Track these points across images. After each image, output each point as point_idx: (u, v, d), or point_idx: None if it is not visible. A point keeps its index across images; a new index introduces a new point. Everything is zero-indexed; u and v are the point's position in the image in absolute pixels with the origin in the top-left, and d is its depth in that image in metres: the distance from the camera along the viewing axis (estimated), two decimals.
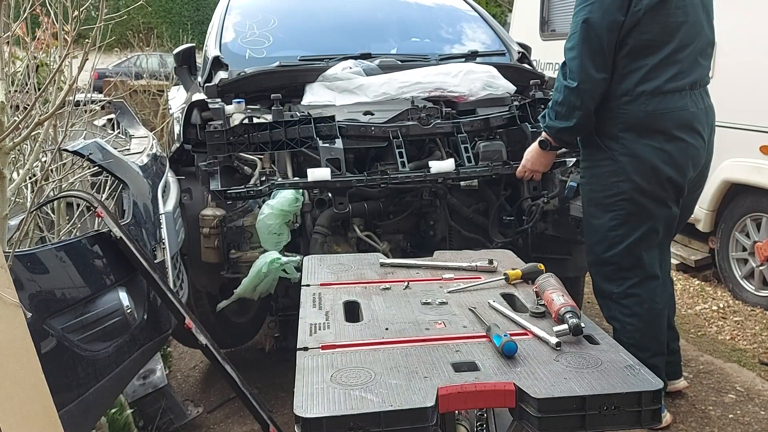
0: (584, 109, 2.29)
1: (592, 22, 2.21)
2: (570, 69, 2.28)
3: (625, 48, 2.27)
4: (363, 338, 1.43)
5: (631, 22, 2.23)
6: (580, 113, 2.29)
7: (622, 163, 2.33)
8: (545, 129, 2.44)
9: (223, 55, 3.31)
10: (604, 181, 2.38)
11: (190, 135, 2.87)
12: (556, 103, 2.34)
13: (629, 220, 2.37)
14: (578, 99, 2.27)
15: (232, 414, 2.95)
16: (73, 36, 1.90)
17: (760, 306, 4.10)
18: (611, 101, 2.32)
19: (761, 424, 2.82)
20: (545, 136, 2.44)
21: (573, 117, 2.31)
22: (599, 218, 2.42)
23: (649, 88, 2.28)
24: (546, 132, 2.44)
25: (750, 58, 4.08)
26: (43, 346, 1.65)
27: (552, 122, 2.38)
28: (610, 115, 2.33)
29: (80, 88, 3.19)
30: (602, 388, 1.21)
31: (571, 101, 2.29)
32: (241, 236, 2.75)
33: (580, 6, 2.26)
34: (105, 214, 2.04)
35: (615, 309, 2.50)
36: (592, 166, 2.44)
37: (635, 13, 2.22)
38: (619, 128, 2.33)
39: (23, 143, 1.98)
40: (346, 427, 1.14)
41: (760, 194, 4.07)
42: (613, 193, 2.36)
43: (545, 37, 6.37)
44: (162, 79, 8.18)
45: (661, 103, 2.30)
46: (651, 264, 2.44)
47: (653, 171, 2.32)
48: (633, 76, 2.29)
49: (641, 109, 2.29)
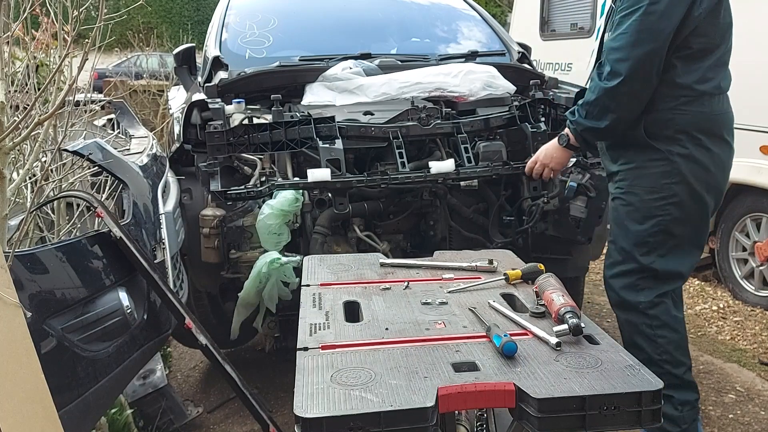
0: (619, 113, 2.20)
1: (650, 24, 2.09)
2: (614, 70, 2.15)
3: (684, 51, 2.17)
4: (363, 338, 1.43)
5: (690, 26, 2.13)
6: (613, 116, 2.20)
7: (677, 164, 2.21)
8: (571, 124, 2.35)
9: (223, 55, 3.31)
10: (653, 183, 2.25)
11: (190, 135, 2.87)
12: (588, 103, 2.25)
13: (672, 227, 2.26)
14: (613, 102, 2.18)
15: (232, 414, 2.95)
16: (73, 36, 1.90)
17: (760, 306, 4.10)
18: (666, 102, 2.21)
19: (761, 424, 2.82)
20: (568, 132, 2.37)
21: (605, 119, 2.22)
22: (640, 224, 2.28)
23: (708, 88, 2.20)
24: (571, 128, 2.35)
25: (750, 58, 4.08)
26: (43, 346, 1.65)
27: (582, 120, 2.28)
28: (665, 117, 2.22)
29: (80, 88, 3.19)
30: (602, 388, 1.21)
31: (605, 103, 2.20)
32: (241, 236, 2.75)
33: (634, 5, 2.12)
34: (105, 214, 2.04)
35: (642, 323, 2.31)
36: (638, 167, 2.28)
37: (696, 18, 2.12)
38: (675, 129, 2.21)
39: (23, 143, 1.98)
40: (346, 427, 1.14)
41: (760, 194, 4.07)
42: (663, 196, 2.24)
43: (545, 37, 6.38)
44: (162, 79, 8.18)
45: (717, 105, 2.23)
46: (678, 266, 2.33)
47: (707, 175, 2.23)
48: (690, 77, 2.19)
49: (701, 110, 2.20)
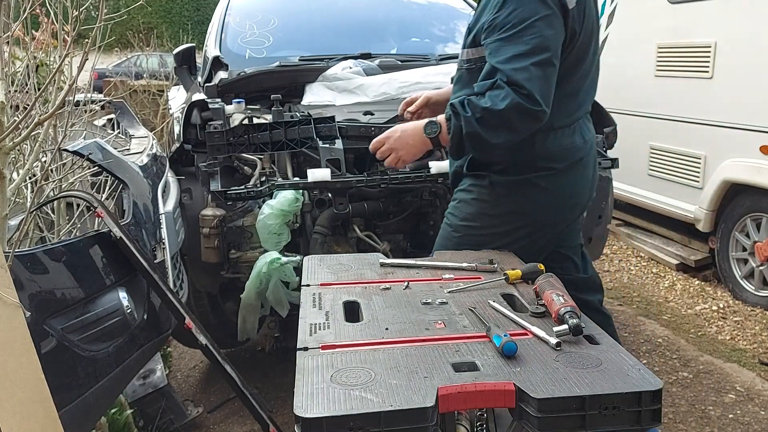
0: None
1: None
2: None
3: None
4: (363, 338, 1.43)
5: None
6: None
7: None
8: (455, 118, 1.90)
9: (223, 55, 3.31)
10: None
11: (190, 135, 2.87)
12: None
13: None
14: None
15: (232, 414, 2.95)
16: (73, 36, 1.90)
17: (760, 306, 4.10)
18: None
19: (761, 424, 2.82)
20: (442, 122, 1.94)
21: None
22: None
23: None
24: (454, 122, 1.90)
25: (750, 58, 4.08)
26: (43, 346, 1.65)
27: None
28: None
29: (80, 88, 3.19)
30: (602, 388, 1.21)
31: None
32: (241, 236, 2.75)
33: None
34: (105, 214, 2.04)
35: None
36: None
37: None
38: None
39: (23, 143, 1.98)
40: (346, 427, 1.14)
41: (760, 194, 4.07)
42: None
43: None
44: (162, 79, 8.18)
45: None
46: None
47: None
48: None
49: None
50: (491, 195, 2.05)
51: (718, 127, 4.34)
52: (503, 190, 2.04)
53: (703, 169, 4.48)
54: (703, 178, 4.48)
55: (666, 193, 4.86)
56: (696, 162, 4.54)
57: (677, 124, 4.70)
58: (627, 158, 3.79)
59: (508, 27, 1.85)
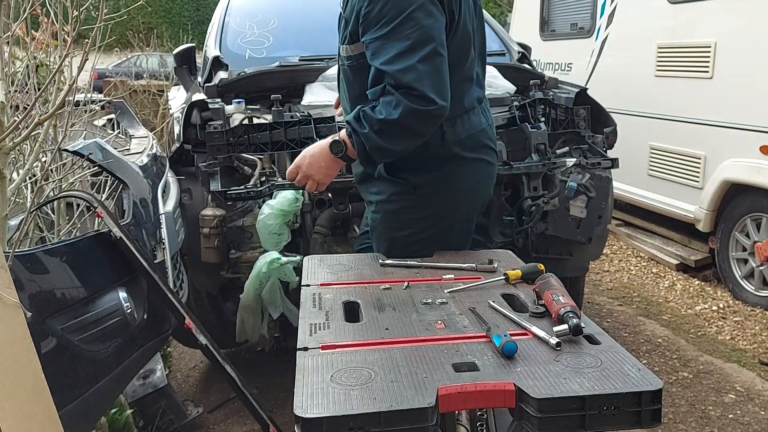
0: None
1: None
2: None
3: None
4: (363, 338, 1.43)
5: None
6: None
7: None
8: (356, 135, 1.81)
9: (223, 55, 3.31)
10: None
11: (190, 135, 2.87)
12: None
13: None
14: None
15: (232, 414, 2.95)
16: (73, 36, 1.90)
17: (760, 306, 4.10)
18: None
19: (761, 424, 2.82)
20: (346, 140, 1.83)
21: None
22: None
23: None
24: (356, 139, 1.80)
25: (750, 58, 4.08)
26: (43, 346, 1.65)
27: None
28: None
29: (80, 88, 3.18)
30: (602, 388, 1.21)
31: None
32: (241, 236, 2.75)
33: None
34: (105, 214, 2.04)
35: None
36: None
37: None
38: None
39: (23, 143, 1.98)
40: (346, 427, 1.14)
41: (760, 194, 4.07)
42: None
43: (545, 37, 6.38)
44: (162, 79, 8.18)
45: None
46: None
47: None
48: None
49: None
50: (416, 200, 1.98)
51: (718, 127, 4.34)
52: (426, 190, 1.98)
53: (703, 169, 4.48)
54: (703, 178, 4.48)
55: (666, 193, 4.86)
56: (696, 162, 4.54)
57: (677, 124, 4.70)
58: (627, 158, 3.79)
59: (384, 22, 1.74)
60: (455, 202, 2.00)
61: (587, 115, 3.11)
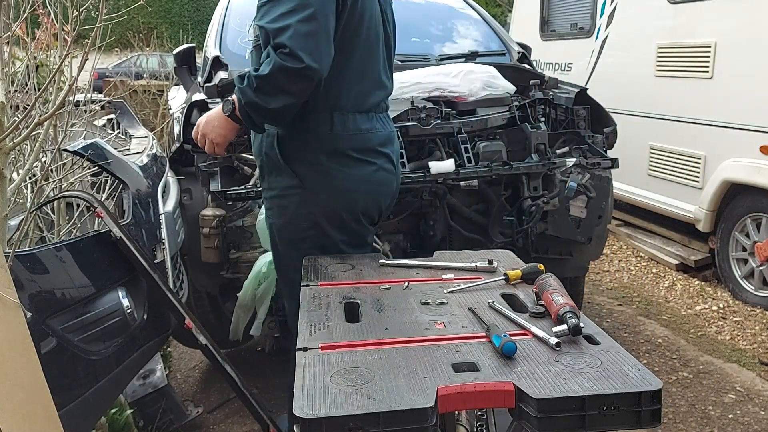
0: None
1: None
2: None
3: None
4: (363, 338, 1.43)
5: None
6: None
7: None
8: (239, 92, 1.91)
9: (223, 55, 3.30)
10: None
11: (190, 135, 2.87)
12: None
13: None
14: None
15: (232, 414, 2.95)
16: (73, 36, 1.90)
17: (760, 306, 4.10)
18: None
19: (761, 424, 2.82)
20: (234, 98, 1.94)
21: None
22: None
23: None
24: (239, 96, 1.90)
25: (750, 58, 4.08)
26: (43, 346, 1.65)
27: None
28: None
29: (80, 88, 3.18)
30: (602, 388, 1.21)
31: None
32: (241, 236, 2.75)
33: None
34: (105, 214, 2.04)
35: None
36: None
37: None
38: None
39: (23, 143, 1.98)
40: (345, 427, 1.14)
41: (760, 194, 4.07)
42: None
43: (545, 37, 6.38)
44: (162, 79, 8.17)
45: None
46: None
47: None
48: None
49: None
50: (303, 195, 2.01)
51: (718, 127, 4.34)
52: (311, 185, 1.99)
53: (703, 169, 4.48)
54: (703, 178, 4.48)
55: (666, 193, 4.86)
56: (696, 162, 4.54)
57: (677, 124, 4.70)
58: (627, 158, 3.79)
59: None
60: (335, 202, 2.01)
61: (587, 115, 3.12)
